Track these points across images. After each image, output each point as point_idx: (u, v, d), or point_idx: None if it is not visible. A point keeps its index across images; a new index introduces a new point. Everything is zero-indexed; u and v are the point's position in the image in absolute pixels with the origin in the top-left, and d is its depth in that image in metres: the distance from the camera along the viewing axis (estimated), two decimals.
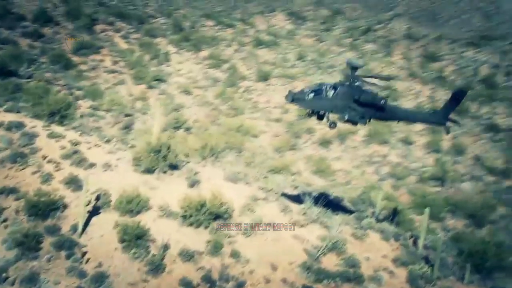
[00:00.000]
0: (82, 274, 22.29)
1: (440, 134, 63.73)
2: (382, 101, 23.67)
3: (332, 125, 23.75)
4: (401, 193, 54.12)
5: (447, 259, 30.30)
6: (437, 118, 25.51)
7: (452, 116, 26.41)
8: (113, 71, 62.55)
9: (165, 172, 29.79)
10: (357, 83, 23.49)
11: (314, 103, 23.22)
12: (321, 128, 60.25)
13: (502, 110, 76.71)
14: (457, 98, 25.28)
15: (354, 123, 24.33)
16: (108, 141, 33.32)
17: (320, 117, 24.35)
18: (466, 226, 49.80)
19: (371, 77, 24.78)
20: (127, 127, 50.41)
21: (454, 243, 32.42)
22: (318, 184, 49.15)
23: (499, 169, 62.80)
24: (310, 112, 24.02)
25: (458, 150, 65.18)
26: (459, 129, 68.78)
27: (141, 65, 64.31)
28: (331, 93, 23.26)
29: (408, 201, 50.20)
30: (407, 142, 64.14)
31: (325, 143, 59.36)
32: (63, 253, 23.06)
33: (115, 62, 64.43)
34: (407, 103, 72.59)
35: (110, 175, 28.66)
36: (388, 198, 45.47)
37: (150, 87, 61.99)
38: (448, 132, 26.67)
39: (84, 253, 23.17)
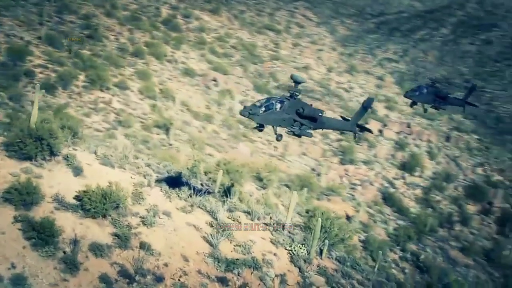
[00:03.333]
0: None
1: (150, 78, 67.59)
2: (320, 114, 25.31)
3: (279, 137, 24.81)
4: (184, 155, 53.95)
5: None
6: (349, 126, 27.83)
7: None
8: None
9: (44, 158, 28.20)
10: (298, 97, 24.78)
11: (267, 118, 24.16)
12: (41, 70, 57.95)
13: (193, 55, 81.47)
14: (365, 106, 27.84)
15: (299, 136, 25.64)
16: None
17: (261, 129, 25.28)
18: (258, 189, 53.44)
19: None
20: None
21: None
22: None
23: (202, 114, 66.98)
24: (259, 124, 24.78)
25: (168, 96, 66.73)
26: (163, 74, 72.64)
27: None
28: (278, 107, 24.30)
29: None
30: (123, 87, 63.83)
31: (50, 88, 55.45)
32: None
33: None
34: (110, 44, 73.78)
35: None
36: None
37: None
38: (355, 138, 29.15)
39: None
